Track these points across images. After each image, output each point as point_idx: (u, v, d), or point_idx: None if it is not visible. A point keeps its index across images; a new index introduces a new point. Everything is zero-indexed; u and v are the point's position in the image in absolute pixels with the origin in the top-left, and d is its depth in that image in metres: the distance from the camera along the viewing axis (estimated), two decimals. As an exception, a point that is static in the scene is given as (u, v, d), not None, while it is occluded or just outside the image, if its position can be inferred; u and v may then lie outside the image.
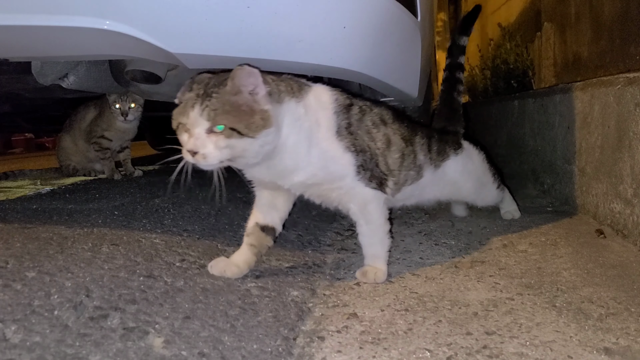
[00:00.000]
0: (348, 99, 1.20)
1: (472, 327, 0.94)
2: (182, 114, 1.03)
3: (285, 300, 1.06)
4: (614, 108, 1.49)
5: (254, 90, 1.02)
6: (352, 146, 1.16)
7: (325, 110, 1.15)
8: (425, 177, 1.37)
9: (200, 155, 1.00)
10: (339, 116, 1.16)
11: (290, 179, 1.14)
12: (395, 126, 1.28)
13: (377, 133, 1.23)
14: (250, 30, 1.11)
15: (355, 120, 1.19)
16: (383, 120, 1.25)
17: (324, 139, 1.13)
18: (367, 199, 1.19)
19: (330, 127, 1.14)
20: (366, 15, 1.22)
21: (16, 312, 0.86)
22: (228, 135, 1.00)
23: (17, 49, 1.24)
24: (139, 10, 1.06)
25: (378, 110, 1.25)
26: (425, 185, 1.38)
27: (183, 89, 1.06)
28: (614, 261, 1.26)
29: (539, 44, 3.03)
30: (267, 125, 1.03)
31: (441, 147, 1.44)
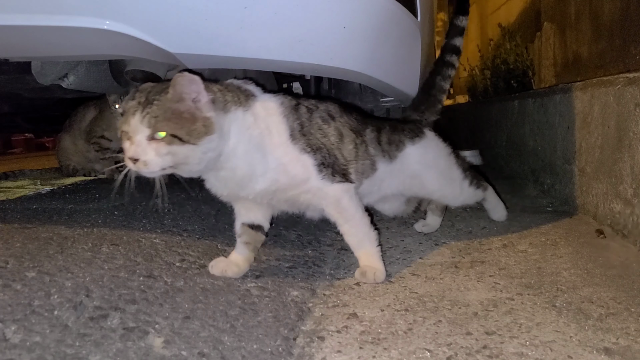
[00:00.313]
0: (294, 100, 1.19)
1: (472, 327, 0.94)
2: (124, 122, 1.03)
3: (285, 300, 1.06)
4: (614, 108, 1.49)
5: (196, 97, 1.02)
6: (308, 146, 1.15)
7: (273, 116, 1.14)
8: (381, 170, 1.32)
9: (142, 162, 1.00)
10: (289, 119, 1.15)
11: (252, 189, 1.13)
12: (343, 119, 1.25)
13: (328, 128, 1.21)
14: (250, 30, 1.11)
15: (305, 119, 1.18)
16: (331, 115, 1.23)
17: (279, 145, 1.13)
18: (338, 195, 1.18)
19: (282, 131, 1.13)
20: (366, 15, 1.22)
21: (16, 312, 0.86)
22: (169, 142, 1.00)
23: (17, 49, 1.24)
24: (138, 10, 1.06)
25: (324, 107, 1.24)
26: (383, 179, 1.34)
27: (127, 98, 1.07)
28: (614, 261, 1.26)
29: (538, 44, 3.03)
30: (209, 132, 1.03)
31: (394, 138, 1.38)
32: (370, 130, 1.32)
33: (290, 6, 1.11)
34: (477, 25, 5.01)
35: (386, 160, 1.34)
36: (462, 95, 5.51)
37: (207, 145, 1.03)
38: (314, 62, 1.20)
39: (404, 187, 1.43)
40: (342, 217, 1.19)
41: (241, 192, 1.15)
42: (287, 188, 1.15)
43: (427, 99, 1.53)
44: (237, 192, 1.16)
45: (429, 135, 1.48)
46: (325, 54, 1.20)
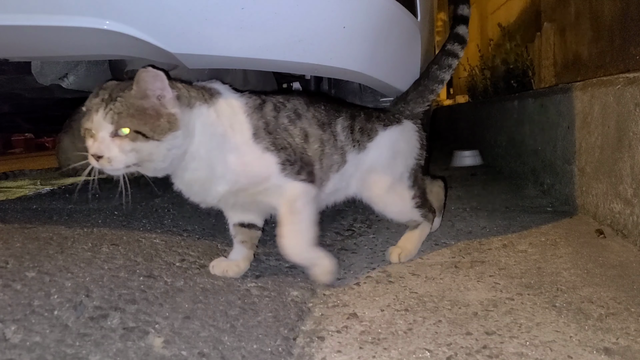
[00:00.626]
0: (259, 99, 1.16)
1: (472, 327, 0.94)
2: (87, 120, 1.02)
3: (285, 300, 1.06)
4: (613, 108, 1.49)
5: (161, 93, 1.02)
6: (272, 145, 1.12)
7: (237, 114, 1.12)
8: (350, 162, 1.25)
9: (105, 159, 0.99)
10: (253, 118, 1.13)
11: (216, 191, 1.11)
12: (310, 114, 1.21)
13: (294, 129, 1.17)
14: (250, 30, 1.11)
15: (271, 118, 1.15)
16: (298, 114, 1.19)
17: (241, 144, 1.11)
18: (296, 193, 1.14)
19: (245, 130, 1.11)
20: (366, 15, 1.22)
21: (16, 312, 0.86)
22: (133, 138, 0.99)
23: (17, 49, 1.24)
24: (138, 11, 1.06)
25: (291, 105, 1.19)
26: (351, 174, 1.27)
27: (90, 96, 1.06)
28: (614, 261, 1.26)
29: (539, 44, 3.03)
30: (173, 128, 1.02)
31: (367, 126, 1.29)
32: (343, 118, 1.26)
33: (290, 6, 1.11)
34: (477, 25, 5.01)
35: (355, 151, 1.26)
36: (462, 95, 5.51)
37: (171, 141, 1.02)
38: (314, 62, 1.20)
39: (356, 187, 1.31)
40: (289, 218, 1.13)
41: (207, 198, 1.14)
42: (247, 187, 1.12)
43: (416, 88, 1.42)
44: (203, 197, 1.14)
45: (406, 126, 1.37)
46: (325, 54, 1.20)
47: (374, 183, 1.30)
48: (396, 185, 1.32)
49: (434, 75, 1.40)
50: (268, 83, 1.94)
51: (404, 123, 1.36)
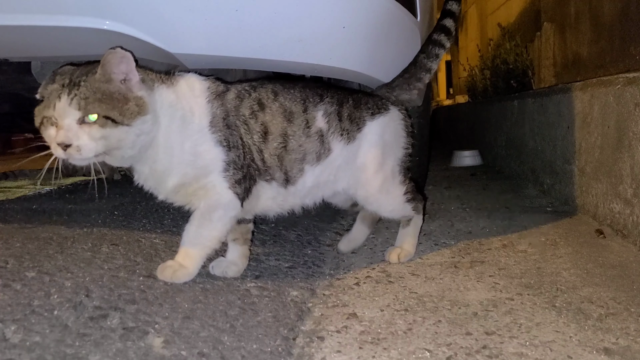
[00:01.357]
0: (222, 86, 1.12)
1: (471, 327, 0.94)
2: (46, 108, 0.97)
3: (284, 300, 1.06)
4: (613, 108, 1.49)
5: (127, 76, 0.98)
6: (225, 141, 1.07)
7: (198, 97, 1.07)
8: (337, 153, 1.18)
9: (74, 147, 0.94)
10: (213, 104, 1.08)
11: (166, 185, 1.07)
12: (276, 104, 1.14)
13: (255, 123, 1.12)
14: (250, 30, 1.11)
15: (232, 107, 1.10)
16: (261, 104, 1.13)
17: (197, 130, 1.06)
18: (221, 202, 1.08)
19: (203, 116, 1.06)
20: (366, 15, 1.22)
21: (16, 312, 0.86)
22: (102, 124, 0.94)
23: (17, 49, 1.24)
24: (138, 11, 1.06)
25: (257, 94, 1.13)
26: (340, 166, 1.20)
27: (44, 83, 1.01)
28: (614, 261, 1.26)
29: (538, 44, 3.03)
30: (142, 112, 0.98)
31: (356, 114, 1.22)
32: (328, 104, 1.19)
33: (290, 6, 1.11)
34: (477, 25, 5.01)
35: (344, 141, 1.19)
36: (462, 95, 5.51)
37: (141, 126, 0.98)
38: (314, 62, 1.20)
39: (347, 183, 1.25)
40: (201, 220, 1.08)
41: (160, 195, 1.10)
42: (192, 182, 1.07)
43: (403, 74, 1.37)
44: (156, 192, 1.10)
45: (393, 114, 1.30)
46: (325, 54, 1.20)
47: (367, 182, 1.24)
48: (388, 183, 1.28)
49: (422, 63, 1.37)
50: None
51: (391, 110, 1.29)
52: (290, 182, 1.16)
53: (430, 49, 1.38)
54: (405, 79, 1.36)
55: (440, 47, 1.39)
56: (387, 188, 1.28)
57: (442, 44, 1.39)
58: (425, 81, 1.39)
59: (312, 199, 1.25)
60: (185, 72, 1.11)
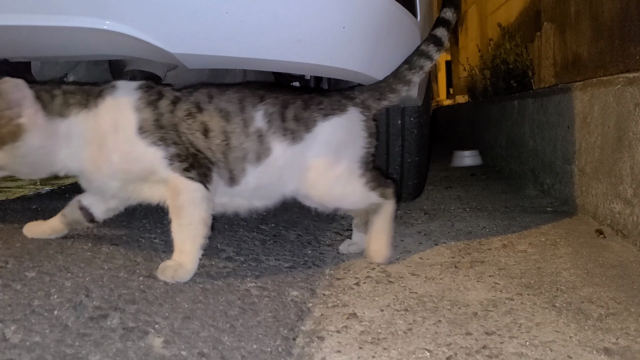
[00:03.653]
0: (155, 94, 1.16)
1: (471, 327, 0.94)
2: None
3: (284, 300, 1.06)
4: (613, 108, 1.49)
5: (18, 103, 1.07)
6: (160, 140, 1.12)
7: (123, 112, 1.13)
8: (279, 153, 1.19)
9: None
10: (142, 113, 1.13)
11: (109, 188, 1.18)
12: (212, 106, 1.17)
13: (194, 123, 1.15)
14: (250, 30, 1.11)
15: (166, 112, 1.14)
16: (199, 107, 1.17)
17: (123, 142, 1.12)
18: (180, 189, 1.12)
19: (129, 127, 1.12)
20: (366, 15, 1.22)
21: (16, 312, 0.86)
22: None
23: (17, 49, 1.24)
24: (138, 11, 1.06)
25: (194, 98, 1.17)
26: (284, 167, 1.20)
27: None
28: (614, 261, 1.26)
29: (538, 44, 3.04)
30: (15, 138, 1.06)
31: (305, 114, 1.22)
32: (269, 104, 1.20)
33: (290, 6, 1.11)
34: (477, 25, 5.01)
35: (287, 142, 1.20)
36: (462, 95, 5.52)
37: (12, 151, 1.07)
38: (314, 62, 1.20)
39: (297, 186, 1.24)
40: (175, 213, 1.13)
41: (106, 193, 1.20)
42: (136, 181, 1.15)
43: (379, 82, 1.34)
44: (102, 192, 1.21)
45: (351, 114, 1.26)
46: (324, 54, 1.20)
47: (317, 182, 1.22)
48: (344, 181, 1.24)
49: (401, 74, 1.32)
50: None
51: (349, 111, 1.27)
52: (235, 182, 1.19)
53: (414, 60, 1.33)
54: (377, 86, 1.33)
55: (427, 59, 1.33)
56: (343, 186, 1.25)
57: (429, 55, 1.34)
58: (401, 93, 1.33)
59: (261, 201, 1.27)
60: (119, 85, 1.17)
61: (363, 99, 1.30)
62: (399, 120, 1.82)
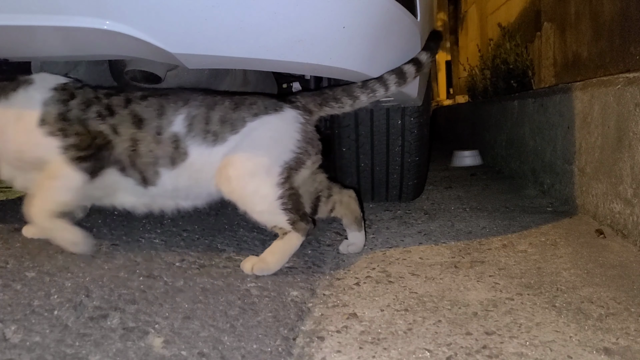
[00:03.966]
0: (67, 95, 1.22)
1: (471, 327, 0.94)
2: None
3: (285, 300, 1.06)
4: (613, 108, 1.49)
5: None
6: (60, 131, 1.18)
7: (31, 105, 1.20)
8: (198, 156, 1.19)
9: None
10: (49, 107, 1.20)
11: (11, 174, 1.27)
12: (126, 111, 1.21)
13: (102, 125, 1.20)
14: (250, 30, 1.11)
15: (75, 110, 1.21)
16: (111, 111, 1.21)
17: (23, 131, 1.19)
18: (61, 173, 1.19)
19: (32, 119, 1.19)
20: (366, 15, 1.22)
21: (16, 312, 0.86)
22: None
23: (17, 49, 1.24)
24: (138, 11, 1.06)
25: (108, 102, 1.23)
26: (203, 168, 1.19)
27: None
28: (614, 261, 1.26)
29: (538, 44, 3.04)
30: None
31: (232, 116, 1.20)
32: (192, 108, 1.20)
33: (290, 6, 1.11)
34: (477, 25, 5.01)
35: (207, 144, 1.19)
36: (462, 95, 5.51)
37: None
38: (314, 62, 1.20)
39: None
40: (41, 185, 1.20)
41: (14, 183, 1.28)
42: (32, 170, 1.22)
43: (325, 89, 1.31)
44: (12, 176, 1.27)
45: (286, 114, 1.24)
46: (324, 54, 1.20)
47: (234, 178, 1.17)
48: (259, 180, 1.18)
49: (351, 89, 1.28)
50: (268, 83, 1.94)
51: (285, 111, 1.24)
52: (149, 183, 1.22)
53: (370, 83, 1.28)
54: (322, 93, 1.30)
55: (382, 86, 1.28)
56: (257, 186, 1.18)
57: (387, 85, 1.28)
58: (344, 107, 1.30)
59: (188, 201, 1.28)
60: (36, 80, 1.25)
61: (304, 103, 1.28)
62: (399, 120, 1.82)
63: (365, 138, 1.85)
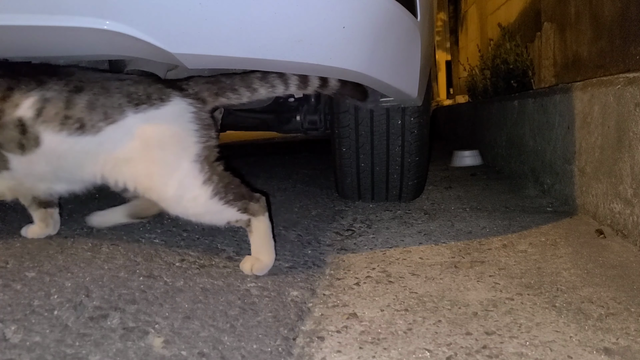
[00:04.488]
0: None
1: (471, 327, 0.94)
2: None
3: (285, 300, 1.06)
4: (614, 108, 1.49)
5: None
6: None
7: None
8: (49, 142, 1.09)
9: None
10: None
11: None
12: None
13: None
14: (250, 30, 1.11)
15: None
16: None
17: None
18: None
19: None
20: (366, 15, 1.22)
21: (16, 312, 0.86)
22: None
23: (17, 49, 1.24)
24: (138, 11, 1.06)
25: None
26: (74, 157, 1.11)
27: None
28: (614, 261, 1.26)
29: (538, 44, 3.04)
30: None
31: (106, 102, 1.10)
32: (48, 89, 1.10)
33: (290, 6, 1.11)
34: (477, 25, 5.01)
35: (72, 133, 1.08)
36: (462, 95, 5.51)
37: None
38: (314, 62, 1.20)
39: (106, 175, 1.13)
40: None
41: None
42: None
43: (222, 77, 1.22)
44: None
45: (175, 106, 1.13)
46: (324, 54, 1.20)
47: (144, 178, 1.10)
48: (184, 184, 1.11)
49: (250, 79, 1.20)
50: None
51: (173, 102, 1.13)
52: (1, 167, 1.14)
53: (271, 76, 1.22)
54: (218, 81, 1.21)
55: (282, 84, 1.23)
56: (183, 190, 1.11)
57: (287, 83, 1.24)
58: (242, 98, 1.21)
59: (61, 186, 1.23)
60: None
61: (197, 91, 1.18)
62: (399, 120, 1.82)
63: (365, 138, 1.85)
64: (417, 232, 1.61)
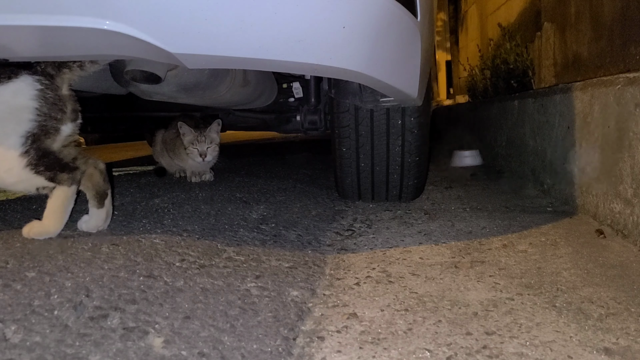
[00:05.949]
0: None
1: (472, 327, 0.94)
2: None
3: (285, 300, 1.06)
4: (614, 108, 1.49)
5: None
6: None
7: None
8: None
9: None
10: None
11: None
12: None
13: None
14: (250, 30, 1.11)
15: None
16: None
17: None
18: None
19: None
20: (366, 15, 1.22)
21: (16, 312, 0.86)
22: None
23: (17, 49, 1.24)
24: (138, 11, 1.06)
25: None
26: None
27: None
28: (614, 261, 1.26)
29: (539, 44, 3.04)
30: None
31: None
32: None
33: (290, 6, 1.11)
34: (477, 25, 5.01)
35: None
36: (462, 95, 5.52)
37: None
38: (314, 62, 1.20)
39: None
40: None
41: None
42: None
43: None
44: None
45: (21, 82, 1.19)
46: (325, 54, 1.20)
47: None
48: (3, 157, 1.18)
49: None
50: (268, 83, 1.94)
51: (19, 78, 1.19)
52: None
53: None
54: None
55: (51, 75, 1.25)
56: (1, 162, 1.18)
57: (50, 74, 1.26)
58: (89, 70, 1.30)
59: None
60: None
61: (43, 67, 1.23)
62: (399, 120, 1.82)
63: (366, 138, 1.85)
64: (417, 232, 1.61)
